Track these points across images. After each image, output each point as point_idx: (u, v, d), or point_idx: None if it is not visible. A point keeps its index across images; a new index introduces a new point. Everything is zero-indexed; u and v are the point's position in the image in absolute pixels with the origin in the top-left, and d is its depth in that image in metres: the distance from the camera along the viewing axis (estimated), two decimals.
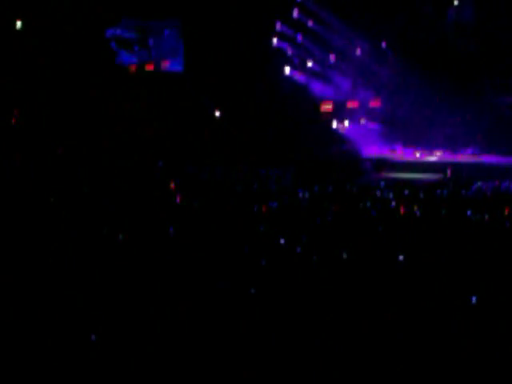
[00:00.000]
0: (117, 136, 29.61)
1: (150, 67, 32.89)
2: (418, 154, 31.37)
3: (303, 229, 13.51)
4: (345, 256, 11.26)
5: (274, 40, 32.07)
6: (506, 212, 16.80)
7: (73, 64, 29.43)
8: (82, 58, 29.73)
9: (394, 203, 17.94)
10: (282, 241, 12.27)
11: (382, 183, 22.95)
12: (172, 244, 11.88)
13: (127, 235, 12.03)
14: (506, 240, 12.83)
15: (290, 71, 32.61)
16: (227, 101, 32.24)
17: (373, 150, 32.00)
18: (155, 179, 22.53)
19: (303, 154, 30.26)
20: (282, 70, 32.41)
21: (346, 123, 33.12)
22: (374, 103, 33.78)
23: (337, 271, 10.54)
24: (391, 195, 19.98)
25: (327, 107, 33.40)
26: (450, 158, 30.65)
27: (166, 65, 32.94)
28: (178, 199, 17.60)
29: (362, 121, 33.42)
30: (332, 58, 32.90)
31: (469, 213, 15.89)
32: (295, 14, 32.15)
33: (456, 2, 31.68)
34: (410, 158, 31.06)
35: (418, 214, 15.93)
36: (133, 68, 32.97)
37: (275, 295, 9.11)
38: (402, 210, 16.57)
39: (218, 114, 32.55)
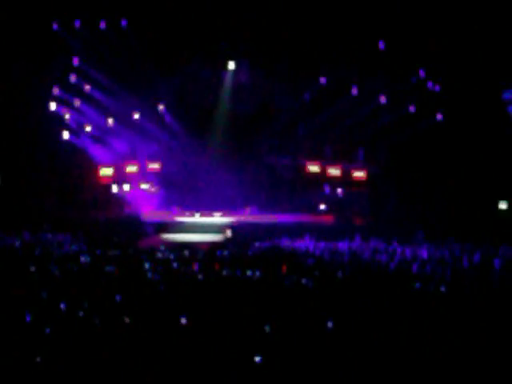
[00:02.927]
0: None
1: None
2: (197, 216, 31.70)
3: (85, 294, 13.41)
4: (127, 320, 11.30)
5: (52, 104, 31.66)
6: (283, 270, 17.44)
7: None
8: None
9: (175, 264, 18.12)
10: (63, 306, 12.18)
11: (163, 246, 23.05)
12: None
13: None
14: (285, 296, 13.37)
15: (69, 136, 32.26)
16: (7, 166, 31.53)
17: (153, 213, 32.07)
18: None
19: (85, 218, 29.96)
20: (61, 135, 32.02)
21: (126, 187, 33.06)
22: (153, 166, 33.98)
23: (121, 334, 10.56)
24: (172, 256, 20.17)
25: (106, 171, 33.30)
26: (230, 218, 31.20)
27: None
28: None
29: (143, 184, 33.47)
30: (110, 121, 32.81)
31: (250, 273, 16.33)
32: (73, 78, 31.91)
33: (232, 66, 32.60)
34: (189, 220, 31.32)
35: (199, 276, 16.16)
36: None
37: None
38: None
39: None
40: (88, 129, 32.78)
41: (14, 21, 29.86)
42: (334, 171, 33.34)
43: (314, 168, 33.57)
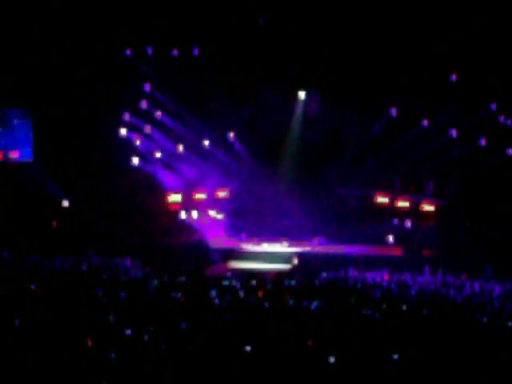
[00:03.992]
0: None
1: None
2: (265, 245, 31.65)
3: (151, 318, 13.48)
4: (192, 349, 11.32)
5: (123, 130, 32.14)
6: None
7: None
8: None
9: (241, 292, 18.12)
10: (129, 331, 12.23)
11: (229, 274, 23.07)
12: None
13: None
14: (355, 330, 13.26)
15: (139, 161, 32.65)
16: (77, 190, 32.04)
17: (220, 241, 32.18)
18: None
19: (153, 244, 30.22)
20: (130, 161, 32.43)
21: (194, 214, 33.28)
22: (222, 194, 34.16)
23: (186, 361, 10.57)
24: (238, 285, 20.17)
25: (175, 198, 33.56)
26: (297, 248, 31.11)
27: (14, 154, 32.44)
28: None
29: (210, 211, 33.64)
30: (180, 148, 33.13)
31: (316, 303, 16.23)
32: (143, 104, 32.37)
33: (302, 95, 32.76)
34: (257, 249, 31.29)
35: (265, 305, 16.12)
36: None
37: None
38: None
39: (66, 203, 32.15)
40: (158, 155, 33.16)
41: (86, 46, 30.48)
42: (403, 203, 33.05)
43: (383, 199, 33.35)
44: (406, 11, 29.05)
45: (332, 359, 10.76)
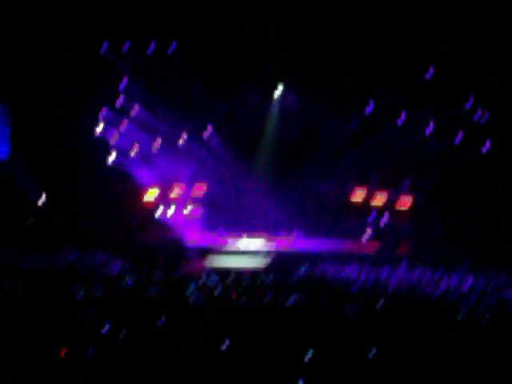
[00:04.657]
0: None
1: None
2: (242, 240, 31.66)
3: (128, 315, 13.45)
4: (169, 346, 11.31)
5: (100, 126, 32.02)
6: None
7: None
8: None
9: (218, 289, 18.11)
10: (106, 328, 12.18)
11: (206, 271, 23.05)
12: None
13: None
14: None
15: (116, 158, 32.54)
16: (53, 187, 31.91)
17: (196, 237, 32.14)
18: None
19: (129, 240, 30.13)
20: (107, 157, 32.32)
21: (171, 209, 33.23)
22: (199, 189, 34.10)
23: (162, 358, 10.55)
24: (215, 281, 20.14)
25: (152, 193, 33.49)
26: (274, 243, 31.15)
27: None
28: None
29: (187, 207, 33.58)
30: (157, 144, 33.06)
31: (292, 299, 16.24)
32: (120, 100, 32.27)
33: (279, 91, 32.82)
34: (233, 246, 31.28)
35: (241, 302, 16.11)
36: None
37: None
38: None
39: (42, 200, 32.00)
40: (134, 151, 33.05)
41: (62, 43, 30.32)
42: (380, 198, 33.17)
43: (359, 194, 33.44)
44: (383, 6, 29.10)
45: (309, 356, 10.77)
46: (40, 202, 32.03)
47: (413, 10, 28.87)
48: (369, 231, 32.40)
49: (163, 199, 33.53)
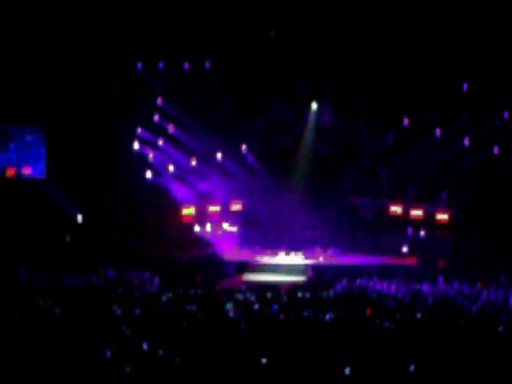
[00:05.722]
0: None
1: (10, 173, 32.40)
2: (279, 256, 31.60)
3: (166, 332, 13.47)
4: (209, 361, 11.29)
5: (136, 144, 32.29)
6: (368, 312, 17.22)
7: None
8: None
9: (256, 306, 18.08)
10: (145, 345, 12.20)
11: (244, 286, 23.04)
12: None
13: None
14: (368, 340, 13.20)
15: (152, 175, 32.76)
16: (91, 205, 32.14)
17: (234, 253, 32.16)
18: (18, 284, 21.94)
19: (166, 257, 30.17)
20: (144, 175, 32.53)
21: (208, 226, 33.32)
22: (235, 206, 34.18)
23: (200, 376, 10.56)
24: (253, 297, 20.11)
25: (189, 211, 33.60)
26: (312, 259, 31.08)
27: (27, 171, 32.56)
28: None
29: (224, 224, 33.64)
30: (193, 161, 33.22)
31: (331, 314, 16.15)
32: (156, 118, 32.54)
33: (315, 106, 32.85)
34: (271, 261, 31.22)
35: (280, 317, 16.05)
36: None
37: None
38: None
39: (80, 218, 32.23)
40: (171, 168, 33.24)
41: (99, 61, 30.62)
42: (417, 213, 33.02)
43: (396, 209, 33.32)
44: (420, 22, 29.08)
45: (347, 371, 10.73)
46: (78, 220, 32.26)
47: (450, 27, 28.82)
48: (407, 245, 32.22)
49: (200, 216, 33.63)
